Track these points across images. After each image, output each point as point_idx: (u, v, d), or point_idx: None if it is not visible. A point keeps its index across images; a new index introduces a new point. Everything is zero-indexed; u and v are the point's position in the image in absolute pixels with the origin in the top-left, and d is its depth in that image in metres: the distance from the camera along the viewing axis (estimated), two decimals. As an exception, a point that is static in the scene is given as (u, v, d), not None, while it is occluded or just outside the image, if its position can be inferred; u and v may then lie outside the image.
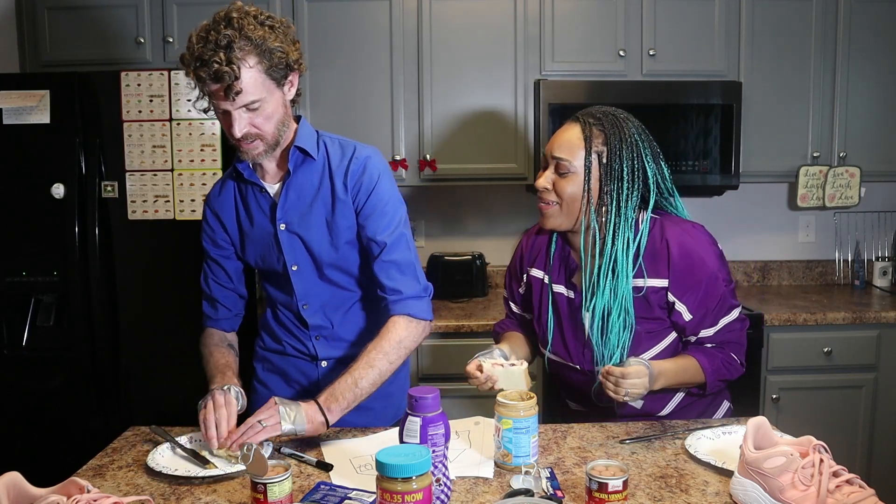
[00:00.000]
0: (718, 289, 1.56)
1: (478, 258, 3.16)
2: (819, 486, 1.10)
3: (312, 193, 1.62)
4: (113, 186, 2.54)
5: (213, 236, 1.71)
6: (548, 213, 1.60)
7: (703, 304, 1.55)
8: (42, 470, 1.45)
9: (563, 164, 1.56)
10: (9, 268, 2.54)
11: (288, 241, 1.63)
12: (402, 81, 2.94)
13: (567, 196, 1.56)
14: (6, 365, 2.56)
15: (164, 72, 2.51)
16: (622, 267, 1.53)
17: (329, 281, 1.67)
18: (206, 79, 1.42)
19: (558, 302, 1.66)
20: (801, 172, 3.07)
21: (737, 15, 2.97)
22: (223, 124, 1.52)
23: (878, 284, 3.31)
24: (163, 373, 2.52)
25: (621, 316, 1.55)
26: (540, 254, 1.71)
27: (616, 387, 1.44)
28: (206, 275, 1.75)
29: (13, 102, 2.50)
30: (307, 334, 1.70)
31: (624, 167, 1.53)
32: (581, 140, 1.55)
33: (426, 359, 2.74)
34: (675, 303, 1.56)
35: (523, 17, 2.94)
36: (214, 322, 1.76)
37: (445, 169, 2.98)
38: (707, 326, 1.58)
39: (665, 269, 1.54)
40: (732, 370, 1.60)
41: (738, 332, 1.61)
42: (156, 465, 1.37)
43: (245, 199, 1.67)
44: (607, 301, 1.55)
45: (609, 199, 1.54)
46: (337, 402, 1.48)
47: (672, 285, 1.55)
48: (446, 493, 1.21)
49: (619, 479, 1.13)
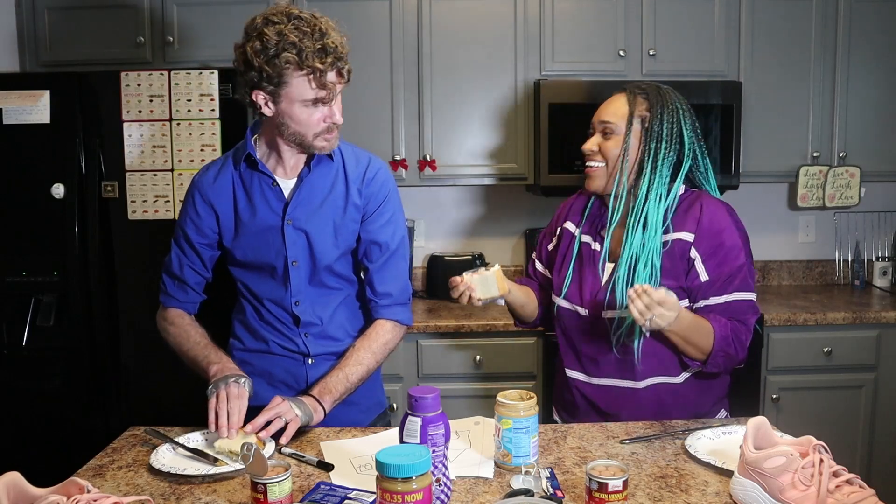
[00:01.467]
0: (738, 259, 1.59)
1: (478, 258, 3.17)
2: (819, 486, 1.10)
3: (324, 194, 1.65)
4: (113, 186, 2.54)
5: (199, 222, 1.67)
6: (593, 175, 1.68)
7: (721, 269, 1.58)
8: (42, 470, 1.44)
9: (608, 126, 1.65)
10: (9, 268, 2.54)
11: (292, 236, 1.63)
12: (402, 81, 2.94)
13: (611, 156, 1.65)
14: (6, 365, 2.56)
15: (164, 72, 2.51)
16: (652, 220, 1.60)
17: (323, 280, 1.68)
18: (328, 67, 1.47)
19: (582, 251, 1.72)
20: (801, 172, 3.07)
21: (737, 15, 2.97)
22: (310, 121, 1.53)
23: (878, 284, 3.31)
24: (163, 373, 2.51)
25: (647, 268, 1.58)
26: (576, 211, 1.80)
27: (646, 307, 1.42)
28: (178, 258, 1.70)
29: (13, 102, 2.50)
30: (297, 331, 1.69)
31: (664, 129, 1.62)
32: (626, 105, 1.65)
33: (426, 359, 2.74)
34: (695, 259, 1.60)
35: (523, 17, 2.94)
36: (180, 304, 1.71)
37: (445, 169, 2.98)
38: (717, 293, 1.59)
39: (693, 225, 1.60)
40: (738, 348, 1.58)
41: (746, 314, 1.60)
42: (161, 465, 1.36)
43: (248, 190, 1.65)
44: (636, 251, 1.60)
45: (647, 156, 1.62)
46: (330, 395, 1.57)
47: (696, 241, 1.59)
48: (446, 493, 1.21)
49: (619, 479, 1.13)
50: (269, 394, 1.70)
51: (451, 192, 3.33)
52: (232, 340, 1.77)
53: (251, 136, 1.66)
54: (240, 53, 1.50)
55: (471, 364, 2.75)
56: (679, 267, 1.60)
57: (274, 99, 1.52)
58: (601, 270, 1.67)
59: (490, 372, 2.75)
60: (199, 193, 1.68)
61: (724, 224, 1.60)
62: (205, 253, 1.70)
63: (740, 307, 1.59)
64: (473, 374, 2.75)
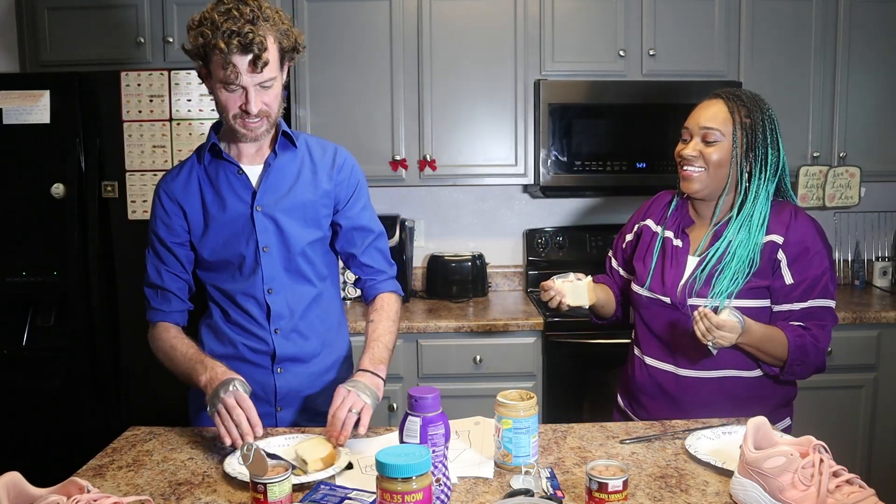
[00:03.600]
0: (822, 266, 1.65)
1: (478, 258, 3.17)
2: (819, 486, 1.10)
3: (292, 180, 1.68)
4: (113, 186, 2.54)
5: (169, 222, 1.67)
6: (694, 178, 1.71)
7: (804, 273, 1.63)
8: (42, 470, 1.44)
9: (711, 133, 1.68)
10: (9, 268, 2.54)
11: (262, 222, 1.64)
12: (402, 81, 2.94)
13: (714, 162, 1.68)
14: (6, 365, 2.56)
15: (164, 72, 2.51)
16: (758, 218, 1.66)
17: (295, 268, 1.68)
18: (236, 50, 1.47)
19: (665, 246, 1.78)
20: (801, 172, 3.07)
21: (737, 15, 2.97)
22: (227, 103, 1.55)
23: (878, 284, 3.31)
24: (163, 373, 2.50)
25: (740, 264, 1.63)
26: (657, 210, 1.86)
27: (706, 331, 1.50)
28: (156, 266, 1.68)
29: (13, 102, 2.50)
30: (267, 328, 1.67)
31: (767, 135, 1.69)
32: (727, 112, 1.69)
33: (426, 359, 2.74)
34: (781, 261, 1.65)
35: (523, 17, 2.94)
36: (166, 315, 1.68)
37: (445, 169, 2.98)
38: (799, 299, 1.64)
39: (784, 229, 1.66)
40: (816, 356, 1.62)
41: (825, 320, 1.65)
42: (238, 473, 1.31)
43: (214, 182, 1.66)
44: (732, 247, 1.65)
45: (754, 164, 1.68)
46: (383, 364, 1.60)
47: (785, 244, 1.65)
48: (446, 493, 1.21)
49: (619, 479, 1.13)
50: None
51: (451, 192, 3.33)
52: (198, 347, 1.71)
53: (213, 133, 1.68)
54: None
55: (471, 364, 2.75)
56: (767, 267, 1.65)
57: (207, 75, 1.57)
58: (684, 264, 1.72)
59: (490, 372, 2.75)
60: (164, 194, 1.68)
61: (812, 230, 1.67)
62: (180, 253, 1.69)
63: (820, 313, 1.65)
64: (473, 374, 2.75)
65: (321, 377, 1.72)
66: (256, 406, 1.45)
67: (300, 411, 1.71)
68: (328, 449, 1.38)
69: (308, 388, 1.71)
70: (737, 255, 1.64)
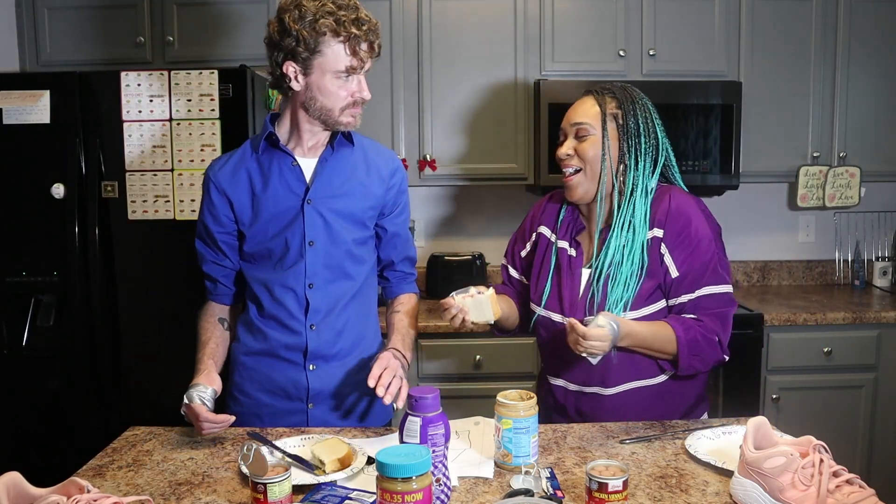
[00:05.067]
0: (709, 251, 1.58)
1: (478, 258, 3.16)
2: (819, 486, 1.10)
3: (345, 176, 1.68)
4: (113, 186, 2.54)
5: (216, 212, 1.69)
6: (573, 183, 1.65)
7: (691, 262, 1.57)
8: (42, 470, 1.45)
9: (582, 128, 1.63)
10: (9, 268, 2.54)
11: (311, 216, 1.65)
12: (402, 81, 2.94)
13: (590, 158, 1.62)
14: (6, 365, 2.56)
15: (164, 72, 2.51)
16: (640, 216, 1.59)
17: (338, 265, 1.68)
18: (362, 37, 1.54)
19: (560, 258, 1.70)
20: (801, 172, 3.07)
21: (737, 15, 2.97)
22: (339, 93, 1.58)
23: (878, 284, 3.31)
24: (162, 373, 2.52)
25: (631, 266, 1.58)
26: (550, 216, 1.78)
27: (575, 343, 1.46)
28: (202, 257, 1.74)
29: (13, 102, 2.50)
30: (302, 323, 1.67)
31: (640, 125, 1.62)
32: (596, 105, 1.64)
33: (426, 359, 2.74)
34: (664, 255, 1.59)
35: (523, 17, 2.94)
36: (215, 297, 1.77)
37: (445, 169, 2.98)
38: (687, 290, 1.57)
39: (662, 218, 1.60)
40: (712, 349, 1.55)
41: (720, 308, 1.57)
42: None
43: (266, 174, 1.67)
44: (619, 251, 1.59)
45: (628, 156, 1.61)
46: (410, 352, 1.69)
47: (666, 236, 1.59)
48: (446, 493, 1.21)
49: (619, 479, 1.13)
50: (267, 401, 1.71)
51: (451, 192, 3.33)
52: (234, 344, 1.76)
53: (270, 122, 1.69)
54: (276, 22, 1.57)
55: (471, 364, 2.75)
56: (655, 264, 1.59)
57: (305, 70, 1.57)
58: (579, 277, 1.65)
59: (490, 372, 2.75)
60: (212, 184, 1.70)
61: (690, 215, 1.59)
62: (227, 241, 1.72)
63: (714, 301, 1.57)
64: (473, 375, 2.75)
65: (354, 375, 1.71)
66: (283, 402, 1.68)
67: (331, 409, 1.71)
68: (345, 449, 1.38)
69: (340, 385, 1.70)
70: (625, 258, 1.58)
